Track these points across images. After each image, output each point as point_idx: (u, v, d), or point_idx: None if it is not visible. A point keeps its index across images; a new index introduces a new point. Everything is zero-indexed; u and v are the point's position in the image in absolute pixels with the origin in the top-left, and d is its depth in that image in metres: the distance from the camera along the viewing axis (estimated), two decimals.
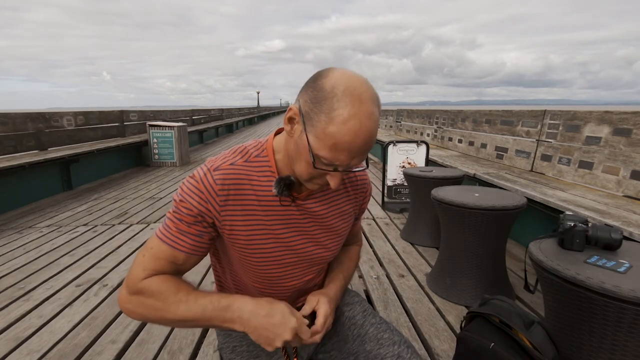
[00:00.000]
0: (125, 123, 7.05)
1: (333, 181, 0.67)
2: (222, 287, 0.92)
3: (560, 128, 2.98)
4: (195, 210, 0.70)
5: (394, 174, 3.93)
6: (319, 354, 0.91)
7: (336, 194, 0.84)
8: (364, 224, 3.31)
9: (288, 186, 0.73)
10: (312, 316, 0.79)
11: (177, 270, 0.74)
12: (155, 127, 6.58)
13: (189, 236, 0.72)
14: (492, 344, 0.96)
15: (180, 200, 0.71)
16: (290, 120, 0.67)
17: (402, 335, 0.86)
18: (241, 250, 0.76)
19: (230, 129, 14.94)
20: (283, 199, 0.75)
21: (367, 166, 0.73)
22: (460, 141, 4.71)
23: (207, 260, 2.77)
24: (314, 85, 0.63)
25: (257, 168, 0.74)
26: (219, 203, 0.71)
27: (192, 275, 2.30)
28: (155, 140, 6.60)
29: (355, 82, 0.61)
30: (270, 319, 0.69)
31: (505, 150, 3.65)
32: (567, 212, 1.36)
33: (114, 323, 1.80)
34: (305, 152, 0.64)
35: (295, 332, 0.69)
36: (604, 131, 2.57)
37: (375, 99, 0.63)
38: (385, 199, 3.94)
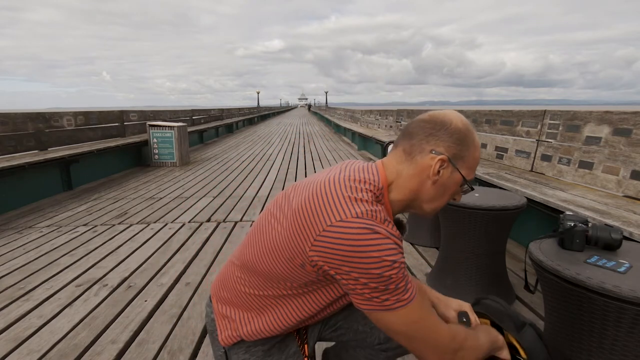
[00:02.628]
0: (125, 123, 7.05)
1: (460, 197, 0.82)
2: (264, 316, 0.85)
3: (560, 128, 2.98)
4: (403, 259, 0.69)
5: None
6: (326, 326, 0.99)
7: None
8: None
9: (404, 227, 0.84)
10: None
11: None
12: (155, 127, 6.57)
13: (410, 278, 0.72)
14: None
15: (393, 263, 0.66)
16: (441, 169, 0.75)
17: None
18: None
19: (230, 129, 14.94)
20: None
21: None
22: None
23: (207, 260, 2.74)
24: (449, 131, 0.75)
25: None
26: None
27: (192, 276, 2.30)
28: (155, 140, 6.60)
29: (461, 115, 0.80)
30: None
31: (505, 150, 3.65)
32: (567, 212, 1.36)
33: (114, 323, 1.80)
34: (455, 186, 0.78)
35: None
36: (604, 131, 2.57)
37: None
38: None
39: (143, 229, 3.23)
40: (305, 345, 0.93)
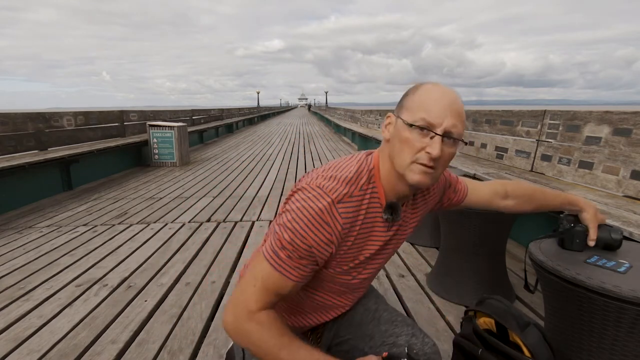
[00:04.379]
0: (125, 123, 7.05)
1: (433, 148, 0.70)
2: None
3: (560, 128, 2.98)
4: (316, 245, 0.71)
5: None
6: (335, 339, 0.98)
7: (424, 207, 0.96)
8: None
9: (396, 210, 0.81)
10: None
11: (278, 302, 0.76)
12: (155, 127, 6.57)
13: (302, 268, 0.73)
14: (480, 349, 0.96)
15: (302, 235, 0.70)
16: (387, 126, 0.79)
17: (412, 320, 0.98)
18: (334, 275, 0.82)
19: (230, 129, 14.93)
20: (391, 224, 0.83)
21: (465, 143, 0.79)
22: None
23: (207, 260, 2.73)
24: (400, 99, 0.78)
25: (369, 197, 0.77)
26: (340, 237, 0.73)
27: (192, 276, 2.30)
28: (155, 140, 6.60)
29: (435, 84, 0.75)
30: None
31: (505, 150, 3.65)
32: (567, 212, 1.36)
33: (114, 323, 1.80)
34: (405, 131, 0.72)
35: None
36: (604, 131, 2.57)
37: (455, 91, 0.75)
38: None
39: (143, 229, 3.23)
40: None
